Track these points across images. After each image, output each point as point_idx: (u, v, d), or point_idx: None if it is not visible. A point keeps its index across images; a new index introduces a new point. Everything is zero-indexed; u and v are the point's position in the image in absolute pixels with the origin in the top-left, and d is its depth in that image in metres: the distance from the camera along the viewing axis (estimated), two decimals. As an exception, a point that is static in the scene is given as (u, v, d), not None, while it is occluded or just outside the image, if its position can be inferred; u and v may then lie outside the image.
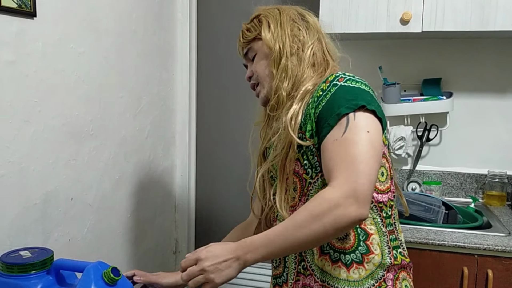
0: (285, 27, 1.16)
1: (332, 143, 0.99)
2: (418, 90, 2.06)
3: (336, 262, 1.07)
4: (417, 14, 1.73)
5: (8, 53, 1.29)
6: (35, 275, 1.23)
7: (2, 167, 1.30)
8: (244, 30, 1.23)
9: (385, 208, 1.09)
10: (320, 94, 1.05)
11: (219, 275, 0.98)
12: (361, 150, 0.96)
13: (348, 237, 1.06)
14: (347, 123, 0.98)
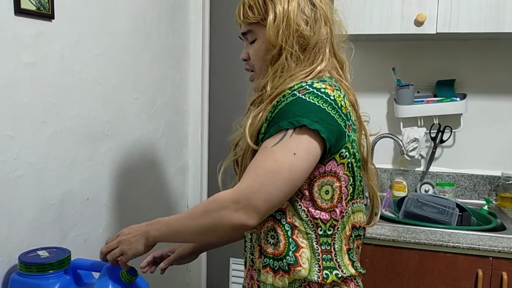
0: (291, 20, 1.06)
1: (262, 149, 1.00)
2: (431, 91, 2.05)
3: (265, 267, 1.06)
4: (432, 16, 1.73)
5: (27, 55, 1.31)
6: (53, 275, 1.25)
7: (21, 167, 1.31)
8: (246, 7, 1.10)
9: (322, 226, 1.05)
10: (280, 100, 1.02)
11: (129, 247, 1.10)
12: (275, 168, 0.96)
13: (278, 244, 1.05)
14: (282, 138, 0.98)
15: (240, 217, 0.95)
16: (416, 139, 1.98)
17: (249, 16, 1.10)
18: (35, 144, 1.36)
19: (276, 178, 0.96)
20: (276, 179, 0.96)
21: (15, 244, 1.31)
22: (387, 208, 1.86)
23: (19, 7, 1.26)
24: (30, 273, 1.24)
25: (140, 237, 1.09)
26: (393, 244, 1.58)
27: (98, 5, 1.59)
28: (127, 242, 1.11)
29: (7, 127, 1.26)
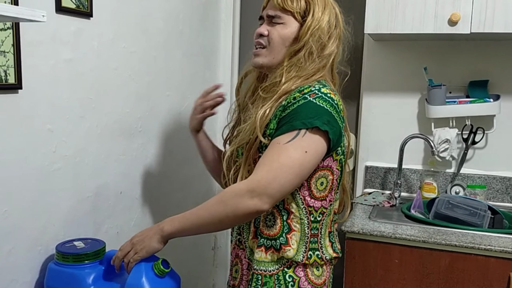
0: (320, 27, 1.21)
1: (274, 145, 1.12)
2: (464, 92, 2.02)
3: (260, 247, 1.21)
4: (466, 15, 1.70)
5: (67, 52, 1.35)
6: (89, 265, 1.29)
7: (59, 160, 1.36)
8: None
9: (314, 213, 1.21)
10: (291, 101, 1.14)
11: (142, 245, 1.17)
12: (289, 163, 1.10)
13: (274, 226, 1.20)
14: (295, 136, 1.11)
15: (256, 204, 1.09)
16: (447, 140, 1.96)
17: (288, 5, 1.21)
18: (73, 138, 1.40)
19: (288, 172, 1.10)
20: (289, 173, 1.10)
21: (52, 235, 1.36)
22: (417, 209, 1.85)
23: (60, 5, 1.30)
24: (67, 263, 1.28)
25: (153, 235, 1.17)
26: (423, 245, 1.57)
27: (134, 4, 1.62)
28: (141, 242, 1.19)
29: (48, 121, 1.30)
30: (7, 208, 1.20)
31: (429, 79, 1.98)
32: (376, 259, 1.62)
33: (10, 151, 1.20)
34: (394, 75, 2.11)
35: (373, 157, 2.18)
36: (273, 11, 1.23)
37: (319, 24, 1.20)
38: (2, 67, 1.15)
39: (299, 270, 1.22)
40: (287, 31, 1.22)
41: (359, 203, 1.97)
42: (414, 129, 2.09)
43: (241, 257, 1.28)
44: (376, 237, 1.61)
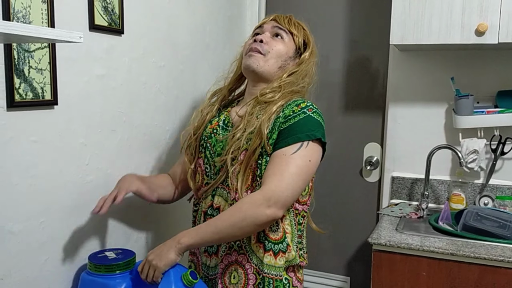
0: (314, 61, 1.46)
1: (281, 156, 1.24)
2: (492, 102, 1.99)
3: (268, 251, 1.29)
4: (494, 25, 1.69)
5: (99, 68, 1.40)
6: (120, 275, 1.32)
7: (91, 172, 1.40)
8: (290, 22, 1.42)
9: (298, 216, 1.36)
10: (290, 114, 1.28)
11: (160, 259, 1.21)
12: (298, 171, 1.23)
13: (278, 230, 1.30)
14: (300, 147, 1.24)
15: (273, 212, 1.20)
16: (475, 150, 1.93)
17: (293, 28, 1.41)
18: (104, 151, 1.45)
19: (298, 179, 1.23)
20: (298, 180, 1.23)
21: (85, 245, 1.40)
22: (445, 220, 1.83)
23: (93, 23, 1.35)
24: (99, 273, 1.31)
25: (169, 248, 1.23)
26: (451, 258, 1.55)
27: (162, 19, 1.67)
28: (157, 257, 1.22)
29: (81, 135, 1.35)
30: (44, 219, 1.25)
31: (456, 89, 1.97)
32: (404, 271, 1.61)
33: (46, 164, 1.24)
34: (420, 85, 2.10)
35: (399, 168, 2.17)
36: (280, 26, 1.40)
37: (315, 58, 1.45)
38: (39, 84, 1.20)
39: (289, 271, 1.34)
40: (287, 49, 1.40)
41: (385, 215, 1.96)
42: (441, 139, 2.08)
43: (243, 262, 1.32)
44: (403, 249, 1.60)
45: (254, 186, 1.30)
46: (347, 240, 2.33)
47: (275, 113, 1.30)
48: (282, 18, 1.43)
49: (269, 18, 1.45)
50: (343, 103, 2.30)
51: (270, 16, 1.46)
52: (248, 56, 1.38)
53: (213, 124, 1.44)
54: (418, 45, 1.81)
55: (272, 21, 1.43)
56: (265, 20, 1.45)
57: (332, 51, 2.30)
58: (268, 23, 1.43)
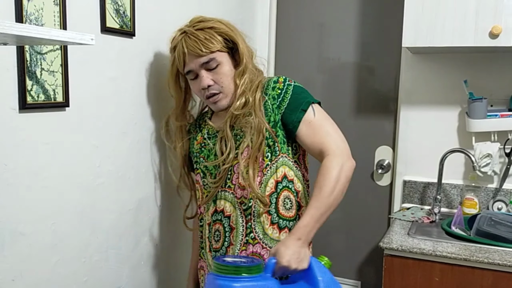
0: (243, 40, 1.43)
1: (309, 123, 1.34)
2: (506, 105, 1.97)
3: (283, 229, 1.37)
4: (508, 28, 1.67)
5: (111, 70, 1.40)
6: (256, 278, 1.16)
7: (103, 174, 1.40)
8: (203, 40, 1.36)
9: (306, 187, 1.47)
10: (279, 92, 1.37)
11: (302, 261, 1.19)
12: (332, 126, 1.36)
13: (292, 208, 1.39)
14: (313, 109, 1.36)
15: (352, 161, 1.32)
16: (489, 154, 1.91)
17: (213, 47, 1.36)
18: (116, 153, 1.45)
19: (339, 131, 1.36)
20: (339, 132, 1.36)
21: (95, 247, 1.40)
22: (458, 225, 1.80)
23: (105, 26, 1.36)
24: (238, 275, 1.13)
25: (301, 247, 1.21)
26: (464, 263, 1.53)
27: (173, 22, 1.66)
28: (299, 262, 1.19)
29: (93, 137, 1.35)
30: (55, 221, 1.25)
31: (469, 92, 1.94)
32: (416, 276, 1.59)
33: (57, 166, 1.25)
34: (433, 88, 2.08)
35: (411, 172, 2.14)
36: (203, 58, 1.37)
37: (246, 45, 1.42)
38: (51, 86, 1.21)
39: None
40: (228, 68, 1.40)
41: (397, 219, 1.94)
42: (454, 143, 2.05)
43: (258, 251, 1.37)
44: (415, 254, 1.58)
45: (261, 177, 1.36)
46: (358, 244, 2.31)
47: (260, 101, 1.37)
48: (194, 47, 1.36)
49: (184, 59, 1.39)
50: (355, 106, 2.29)
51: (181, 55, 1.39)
52: (210, 103, 1.43)
53: (198, 140, 1.50)
54: (431, 47, 1.80)
55: (193, 58, 1.37)
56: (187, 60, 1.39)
57: (344, 53, 2.29)
58: (189, 64, 1.39)
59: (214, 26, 1.39)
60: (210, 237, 1.46)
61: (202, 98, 1.47)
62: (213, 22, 1.41)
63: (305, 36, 2.35)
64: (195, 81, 1.42)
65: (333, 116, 1.40)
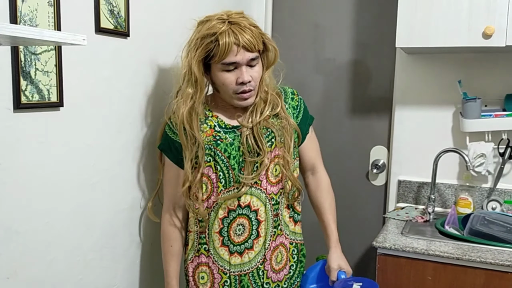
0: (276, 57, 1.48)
1: (310, 137, 1.56)
2: (500, 105, 1.98)
3: (297, 222, 1.56)
4: (501, 28, 1.68)
5: (105, 70, 1.42)
6: None
7: (97, 174, 1.41)
8: (256, 37, 1.37)
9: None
10: (297, 104, 1.53)
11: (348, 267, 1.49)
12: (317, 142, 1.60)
13: (300, 204, 1.57)
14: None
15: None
16: (483, 154, 1.92)
17: (259, 46, 1.39)
18: (110, 152, 1.46)
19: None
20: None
21: (89, 245, 1.41)
22: (451, 224, 1.81)
23: (99, 26, 1.37)
24: None
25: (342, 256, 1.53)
26: (457, 262, 1.54)
27: (168, 22, 1.68)
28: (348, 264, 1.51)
29: (87, 136, 1.36)
30: (49, 220, 1.26)
31: (463, 92, 1.95)
32: (409, 275, 1.60)
33: (51, 165, 1.26)
34: (427, 88, 2.09)
35: (406, 171, 2.15)
36: (251, 54, 1.37)
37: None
38: (45, 86, 1.22)
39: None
40: (261, 68, 1.43)
41: (391, 218, 1.95)
42: (448, 143, 2.06)
43: (283, 242, 1.53)
44: (408, 253, 1.60)
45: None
46: (353, 244, 2.31)
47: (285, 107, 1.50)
48: (250, 42, 1.35)
49: (237, 48, 1.34)
50: (350, 106, 2.30)
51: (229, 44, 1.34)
52: (239, 98, 1.41)
53: (208, 132, 1.45)
54: (425, 48, 1.81)
55: (243, 51, 1.35)
56: (235, 51, 1.35)
57: (339, 54, 2.30)
58: (237, 56, 1.35)
59: (256, 25, 1.41)
60: (226, 231, 1.47)
61: (229, 91, 1.40)
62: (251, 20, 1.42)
63: (301, 36, 2.36)
64: (232, 72, 1.38)
65: (329, 116, 1.42)
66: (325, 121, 2.27)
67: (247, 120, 1.45)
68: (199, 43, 1.38)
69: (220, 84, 1.41)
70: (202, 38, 1.37)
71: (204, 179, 1.46)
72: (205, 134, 1.45)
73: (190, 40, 1.42)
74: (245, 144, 1.42)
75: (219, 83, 1.41)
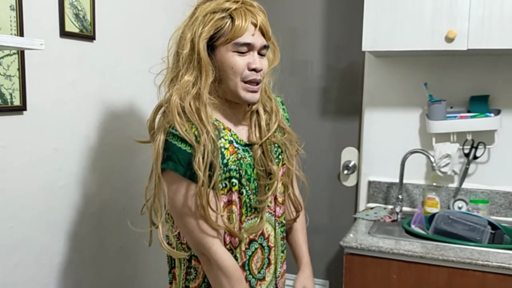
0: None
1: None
2: (465, 107, 2.03)
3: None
4: (463, 32, 1.72)
5: (71, 74, 1.42)
6: None
7: (64, 177, 1.41)
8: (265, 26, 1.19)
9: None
10: (287, 116, 1.39)
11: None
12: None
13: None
14: None
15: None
16: (448, 155, 1.96)
17: (268, 33, 1.21)
18: (78, 156, 1.46)
19: None
20: None
21: (57, 249, 1.41)
22: (418, 224, 1.85)
23: (64, 30, 1.37)
24: None
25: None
26: (421, 260, 1.58)
27: (137, 25, 1.69)
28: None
29: (53, 140, 1.37)
30: (13, 224, 1.26)
31: (429, 95, 2.00)
32: (375, 274, 1.64)
33: (15, 169, 1.26)
34: (395, 90, 2.13)
35: (375, 172, 2.19)
36: (265, 41, 1.19)
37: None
38: (8, 90, 1.22)
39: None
40: (267, 64, 1.23)
41: (361, 218, 1.99)
42: (416, 144, 2.11)
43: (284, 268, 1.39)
44: (374, 252, 1.63)
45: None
46: (326, 244, 2.35)
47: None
48: (267, 25, 1.20)
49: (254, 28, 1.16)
50: (322, 108, 2.33)
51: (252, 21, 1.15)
52: (248, 90, 1.17)
53: (231, 150, 1.18)
54: (390, 51, 1.85)
55: (259, 33, 1.17)
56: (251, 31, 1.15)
57: (312, 56, 2.33)
58: (256, 35, 1.16)
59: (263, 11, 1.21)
60: (247, 264, 1.23)
61: (236, 78, 1.15)
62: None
63: (274, 38, 2.38)
64: (243, 56, 1.15)
65: (302, 118, 1.42)
66: (297, 123, 2.29)
67: (253, 134, 1.23)
68: (208, 19, 1.14)
69: (228, 67, 1.14)
70: (212, 13, 1.14)
71: (233, 207, 1.19)
72: (228, 151, 1.17)
73: (192, 18, 1.17)
74: (259, 164, 1.22)
75: (227, 67, 1.14)
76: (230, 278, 1.13)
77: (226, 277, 1.13)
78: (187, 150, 1.08)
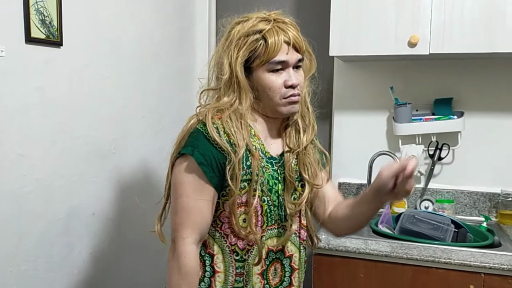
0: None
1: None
2: (430, 109, 2.09)
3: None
4: (425, 37, 1.78)
5: (38, 80, 1.42)
6: None
7: (29, 183, 1.41)
8: (298, 41, 1.20)
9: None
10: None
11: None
12: None
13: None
14: None
15: None
16: (414, 156, 2.02)
17: (303, 47, 1.22)
18: (44, 162, 1.46)
19: None
20: None
21: (23, 256, 1.41)
22: (385, 224, 1.90)
23: (30, 36, 1.37)
24: None
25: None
26: (386, 259, 1.62)
27: (106, 30, 1.69)
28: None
29: (18, 146, 1.36)
30: (-23, 231, 1.25)
31: (395, 98, 2.05)
32: (342, 274, 1.67)
33: (-21, 176, 1.25)
34: (363, 94, 2.18)
35: (345, 174, 2.24)
36: (300, 55, 1.21)
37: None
38: (-29, 97, 1.21)
39: None
40: (303, 75, 1.25)
41: (330, 219, 2.02)
42: (383, 146, 2.16)
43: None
44: (341, 252, 1.66)
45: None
46: (298, 246, 2.38)
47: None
48: (300, 41, 1.21)
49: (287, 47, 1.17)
50: (292, 112, 2.36)
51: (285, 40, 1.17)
52: (289, 105, 1.20)
53: (257, 156, 1.18)
54: (356, 56, 1.89)
55: (292, 51, 1.19)
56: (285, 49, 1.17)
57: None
58: (290, 53, 1.18)
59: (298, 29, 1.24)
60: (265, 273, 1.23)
61: (276, 97, 1.18)
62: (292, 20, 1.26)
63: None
64: (278, 74, 1.17)
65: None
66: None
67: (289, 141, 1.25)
68: (242, 42, 1.17)
69: (266, 88, 1.18)
70: (246, 37, 1.17)
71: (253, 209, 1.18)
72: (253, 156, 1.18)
73: (228, 41, 1.20)
74: (290, 170, 1.22)
75: (264, 88, 1.18)
76: (182, 276, 1.13)
77: (179, 274, 1.13)
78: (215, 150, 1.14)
